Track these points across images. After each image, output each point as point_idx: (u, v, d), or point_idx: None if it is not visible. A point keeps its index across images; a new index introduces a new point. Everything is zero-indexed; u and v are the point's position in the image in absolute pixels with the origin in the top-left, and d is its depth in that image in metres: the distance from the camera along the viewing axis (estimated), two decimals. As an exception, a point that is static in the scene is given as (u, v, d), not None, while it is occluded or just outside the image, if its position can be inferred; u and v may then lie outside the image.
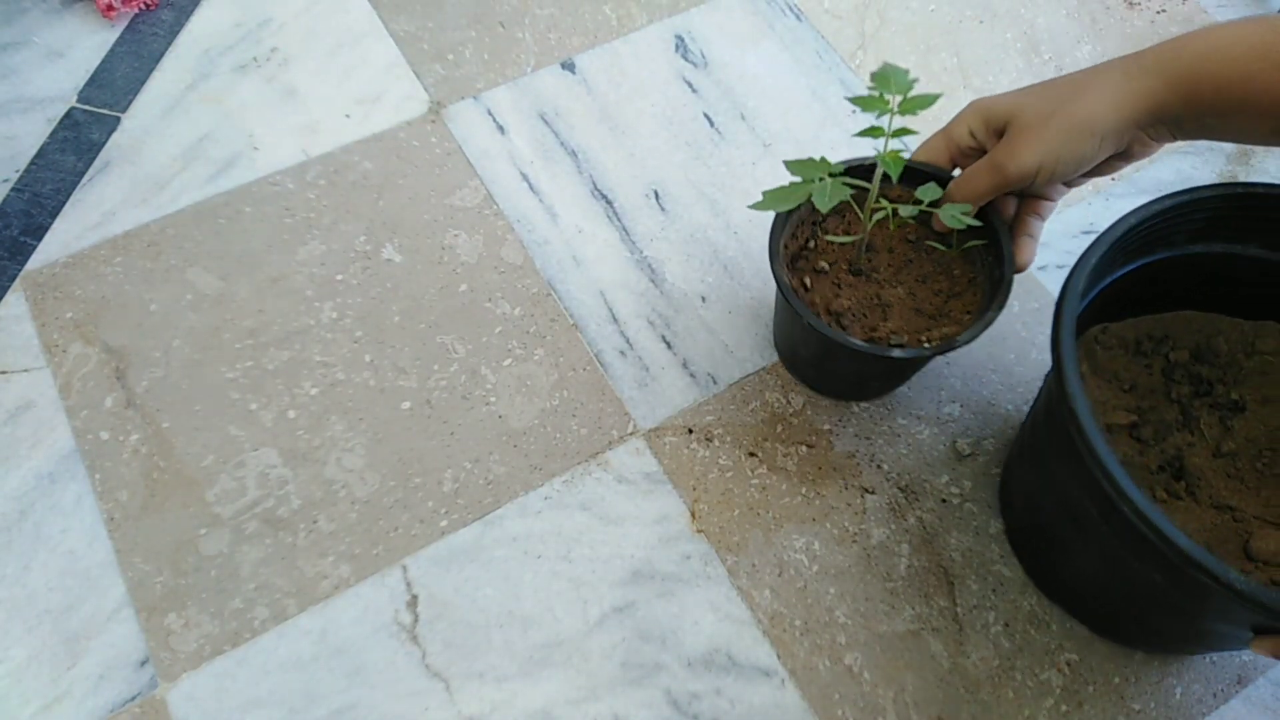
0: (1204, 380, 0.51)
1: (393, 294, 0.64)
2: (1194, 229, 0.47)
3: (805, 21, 0.78)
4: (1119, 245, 0.44)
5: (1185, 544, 0.35)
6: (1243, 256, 0.48)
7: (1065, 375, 0.39)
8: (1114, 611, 0.51)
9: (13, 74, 0.71)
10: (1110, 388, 0.51)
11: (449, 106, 0.72)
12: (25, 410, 0.59)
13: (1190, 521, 0.47)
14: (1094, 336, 0.52)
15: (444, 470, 0.58)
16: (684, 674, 0.53)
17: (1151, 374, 0.51)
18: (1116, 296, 0.49)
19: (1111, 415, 0.50)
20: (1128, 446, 0.49)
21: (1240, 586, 0.35)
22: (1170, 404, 0.51)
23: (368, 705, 0.51)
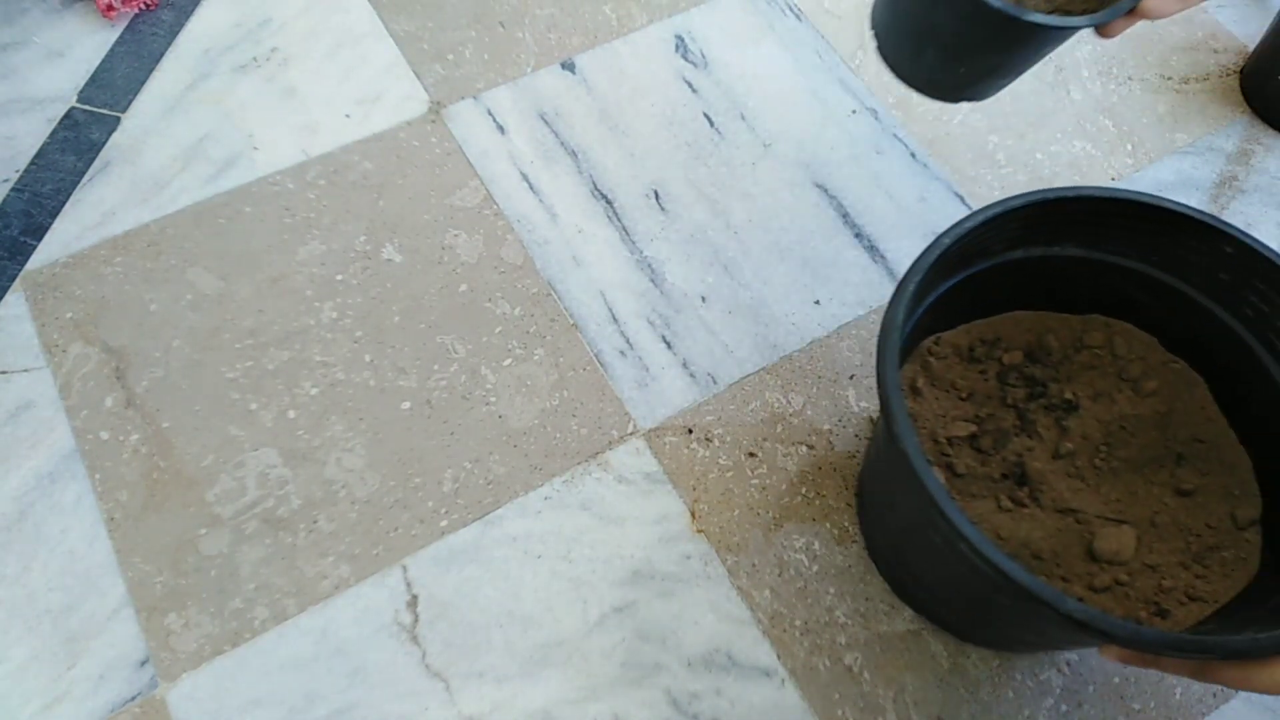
0: (1037, 381, 0.51)
1: (393, 294, 0.64)
2: (1010, 237, 0.48)
3: (805, 21, 0.78)
4: (937, 266, 0.44)
5: (1025, 579, 0.35)
6: (1060, 257, 0.49)
7: (893, 416, 0.39)
8: (970, 621, 0.51)
9: (13, 74, 0.71)
10: (948, 398, 0.51)
11: (449, 106, 0.72)
12: (25, 410, 0.59)
13: (1035, 529, 0.46)
14: (928, 349, 0.52)
15: (444, 470, 0.58)
16: (684, 674, 0.53)
17: (987, 379, 0.51)
18: (945, 307, 0.49)
19: (951, 428, 0.49)
20: (970, 458, 0.49)
21: (1078, 616, 0.35)
22: (1007, 409, 0.51)
23: (368, 705, 0.51)
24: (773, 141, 0.72)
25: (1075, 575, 0.45)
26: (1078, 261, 0.49)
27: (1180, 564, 0.45)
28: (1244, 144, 0.74)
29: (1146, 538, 0.46)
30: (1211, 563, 0.45)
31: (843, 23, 0.78)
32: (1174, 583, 0.45)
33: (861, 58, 0.76)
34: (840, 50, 0.77)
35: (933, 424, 0.50)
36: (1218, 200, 0.71)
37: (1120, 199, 0.45)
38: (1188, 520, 0.47)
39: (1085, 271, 0.49)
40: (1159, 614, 0.44)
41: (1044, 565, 0.46)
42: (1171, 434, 0.49)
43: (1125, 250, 0.48)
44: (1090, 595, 0.45)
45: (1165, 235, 0.46)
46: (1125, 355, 0.51)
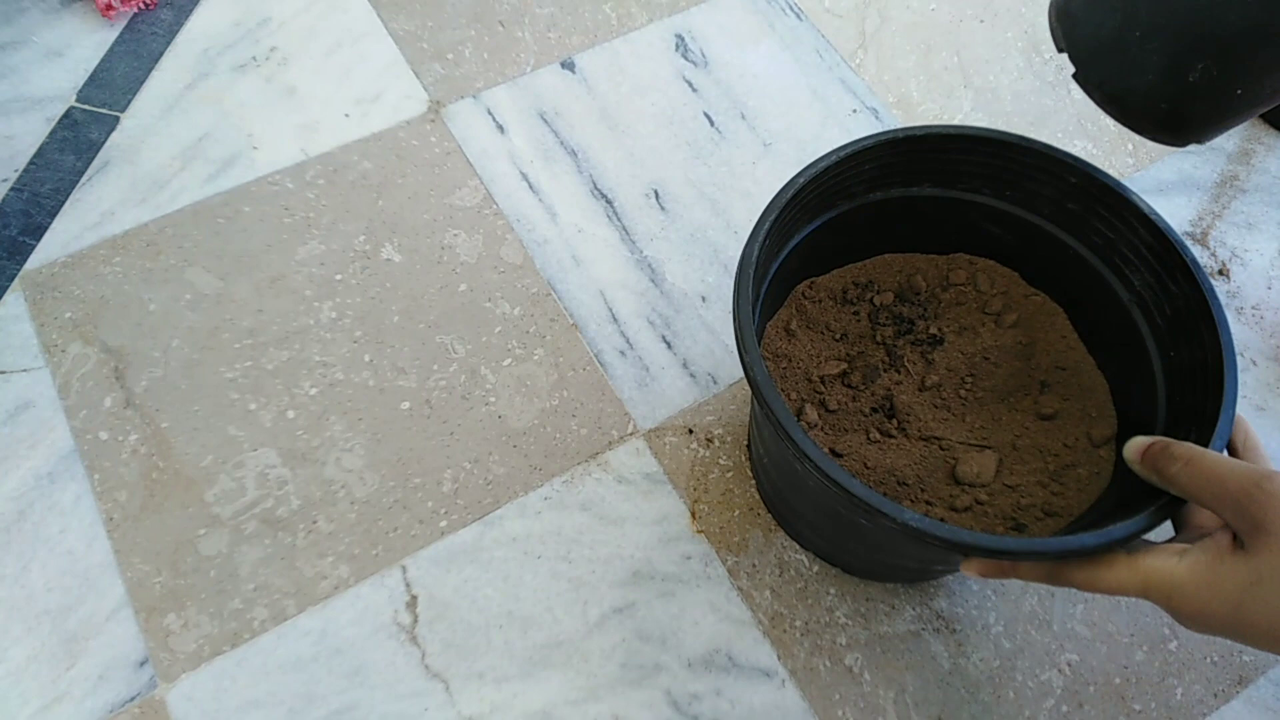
0: (906, 319, 0.53)
1: (392, 294, 0.64)
2: (868, 178, 0.49)
3: (806, 21, 0.78)
4: (794, 206, 0.45)
5: (860, 491, 0.37)
6: (921, 197, 0.51)
7: (746, 354, 0.41)
8: (845, 550, 0.54)
9: (12, 73, 0.71)
10: (822, 339, 0.53)
11: (448, 106, 0.72)
12: (24, 410, 0.59)
13: (901, 458, 0.49)
14: (801, 292, 0.54)
15: (444, 470, 0.58)
16: (684, 674, 0.53)
17: (859, 320, 0.54)
18: (815, 251, 0.51)
19: (824, 367, 0.52)
20: (841, 395, 0.51)
21: (913, 524, 0.37)
22: (877, 347, 0.53)
23: (367, 705, 0.51)
24: (773, 141, 0.71)
25: (939, 498, 0.48)
26: (938, 201, 0.51)
27: (1038, 483, 0.48)
28: (1245, 143, 0.74)
29: (1008, 460, 0.49)
30: (1068, 480, 0.47)
31: (843, 22, 0.78)
32: (1031, 500, 0.47)
33: (862, 57, 0.76)
34: (841, 49, 0.77)
35: (806, 364, 0.52)
36: (1219, 199, 0.71)
37: (962, 135, 0.47)
38: (1047, 442, 0.49)
39: (947, 211, 0.51)
40: (1016, 528, 0.46)
41: (909, 490, 0.48)
42: (1035, 363, 0.51)
43: (979, 187, 0.50)
44: (951, 515, 0.47)
45: (1013, 170, 0.48)
46: (988, 291, 0.53)
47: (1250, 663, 0.54)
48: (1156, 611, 0.56)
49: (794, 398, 0.51)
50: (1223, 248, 0.69)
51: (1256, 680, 0.54)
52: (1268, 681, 0.54)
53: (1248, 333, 0.65)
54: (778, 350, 0.52)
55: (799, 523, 0.54)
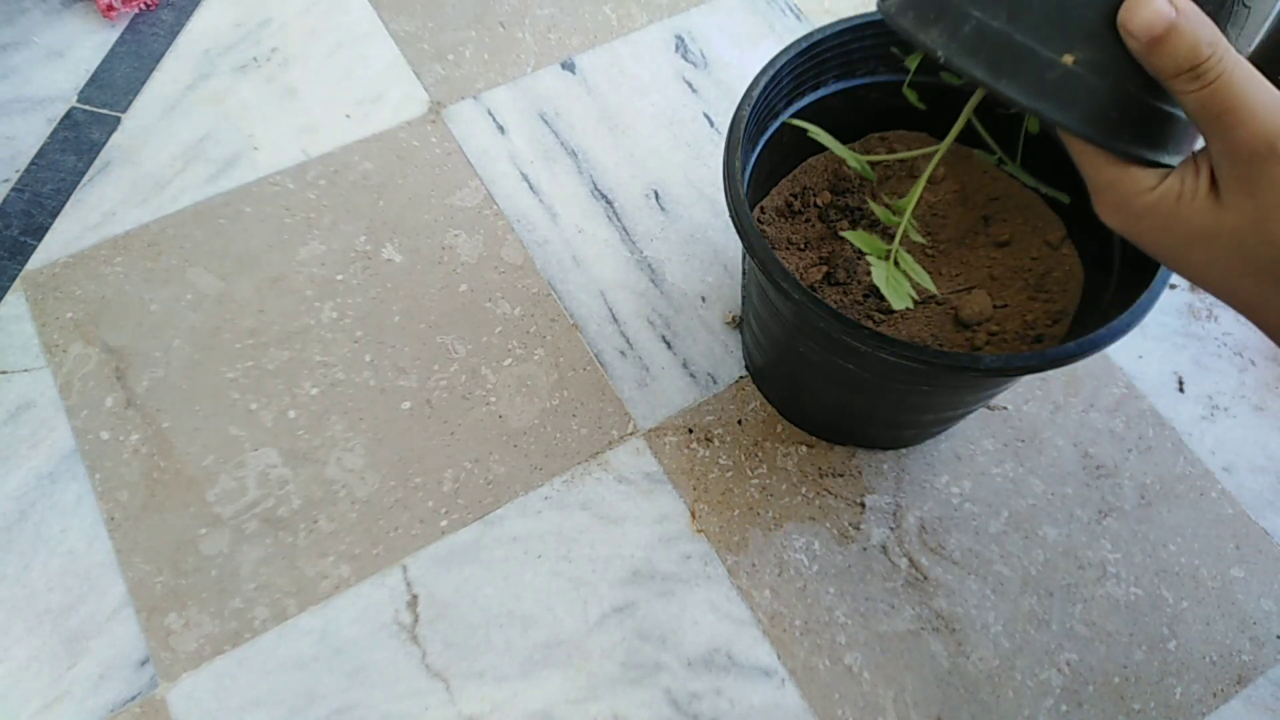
0: (852, 208, 0.56)
1: (393, 294, 0.64)
2: (787, 93, 0.52)
3: (805, 21, 0.78)
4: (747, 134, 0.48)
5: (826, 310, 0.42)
6: (830, 95, 0.54)
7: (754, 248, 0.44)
8: (854, 424, 0.58)
9: (13, 74, 0.71)
10: (792, 254, 0.55)
11: (449, 106, 0.72)
12: (25, 410, 0.59)
13: (912, 326, 0.52)
14: (755, 220, 0.55)
15: (444, 470, 0.58)
16: (684, 674, 0.53)
17: (813, 225, 0.56)
18: (755, 179, 0.53)
19: (808, 276, 0.54)
20: (834, 294, 0.53)
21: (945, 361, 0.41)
22: (841, 241, 0.55)
23: (368, 705, 0.51)
24: (773, 141, 0.72)
25: (958, 347, 0.51)
26: (844, 94, 0.54)
27: (1029, 299, 0.52)
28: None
29: (994, 291, 0.52)
30: (1050, 286, 0.52)
31: (843, 23, 0.78)
32: (1033, 315, 0.51)
33: (861, 58, 0.76)
34: (840, 50, 0.77)
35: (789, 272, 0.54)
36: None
37: (851, 25, 0.50)
38: (1016, 263, 0.53)
39: (853, 101, 0.55)
40: (1036, 341, 0.50)
41: None
42: (972, 204, 0.55)
43: (875, 69, 0.53)
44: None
45: (894, 44, 0.52)
46: (908, 157, 0.56)
47: (1249, 663, 0.54)
48: (1156, 611, 0.56)
49: None
50: (1222, 248, 0.69)
51: (1256, 680, 0.54)
52: (1267, 681, 0.54)
53: (1247, 333, 0.65)
54: None
55: (805, 399, 0.57)
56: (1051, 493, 0.59)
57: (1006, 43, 0.31)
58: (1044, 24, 0.30)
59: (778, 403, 0.61)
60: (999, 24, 0.31)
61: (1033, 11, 0.30)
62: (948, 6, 0.33)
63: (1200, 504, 0.59)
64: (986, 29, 0.31)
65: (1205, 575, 0.57)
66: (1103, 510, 0.59)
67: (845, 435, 0.60)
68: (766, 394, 0.61)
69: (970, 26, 0.32)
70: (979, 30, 0.32)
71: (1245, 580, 0.57)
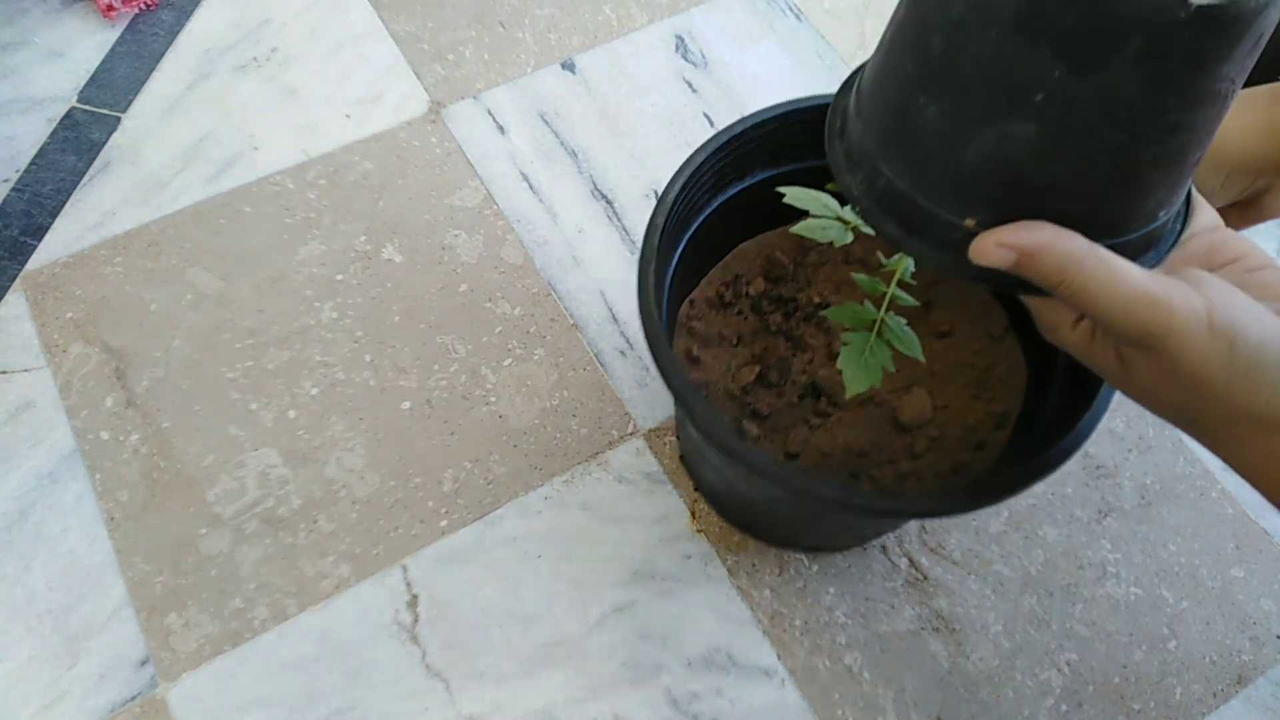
0: (786, 299, 0.53)
1: (393, 294, 0.64)
2: (711, 187, 0.50)
3: (805, 21, 0.78)
4: (663, 241, 0.46)
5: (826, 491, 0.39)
6: (755, 184, 0.52)
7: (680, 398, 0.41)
8: (795, 533, 0.56)
9: (13, 74, 0.71)
10: (726, 352, 0.53)
11: (449, 106, 0.72)
12: (26, 410, 0.59)
13: (849, 430, 0.49)
14: (686, 315, 0.54)
15: (444, 470, 0.58)
16: (684, 673, 0.53)
17: (746, 317, 0.54)
18: (684, 271, 0.52)
19: (739, 377, 0.51)
20: (767, 397, 0.51)
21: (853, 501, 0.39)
22: (776, 336, 0.53)
23: (368, 705, 0.51)
24: (773, 141, 0.72)
25: (898, 454, 0.48)
26: (771, 181, 0.52)
27: (971, 398, 0.49)
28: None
29: (935, 388, 0.50)
30: (993, 383, 0.49)
31: (842, 23, 0.78)
32: (975, 417, 0.49)
33: (861, 58, 0.76)
34: (840, 50, 0.77)
35: (724, 381, 0.52)
36: (1218, 200, 0.71)
37: (772, 117, 0.48)
38: (957, 357, 0.51)
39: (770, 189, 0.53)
40: (979, 448, 0.48)
41: (869, 459, 0.49)
42: (911, 290, 0.53)
43: (801, 156, 0.51)
44: (917, 463, 0.48)
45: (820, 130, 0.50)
46: None
47: (1249, 663, 0.54)
48: (1156, 611, 0.56)
49: (727, 421, 0.50)
50: (1222, 248, 0.69)
51: (1255, 680, 0.54)
52: (1267, 681, 0.54)
53: (1247, 333, 0.65)
54: (692, 382, 0.51)
55: (759, 523, 0.56)
56: (1051, 493, 0.59)
57: (914, 204, 0.31)
58: (942, 191, 0.30)
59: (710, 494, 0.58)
60: (904, 186, 0.31)
61: (932, 179, 0.30)
62: (865, 159, 0.33)
63: (1200, 504, 0.59)
64: (895, 188, 0.32)
65: (1205, 575, 0.57)
66: (1103, 510, 0.59)
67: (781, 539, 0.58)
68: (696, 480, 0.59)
69: (883, 182, 0.32)
70: (890, 188, 0.32)
71: (1245, 580, 0.57)
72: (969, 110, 0.28)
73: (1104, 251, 0.28)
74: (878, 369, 0.41)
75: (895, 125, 0.31)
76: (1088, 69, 0.26)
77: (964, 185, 0.30)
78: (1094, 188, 0.29)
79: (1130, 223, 0.31)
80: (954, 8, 0.28)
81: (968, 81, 0.28)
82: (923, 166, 0.31)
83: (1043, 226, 0.28)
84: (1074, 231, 0.28)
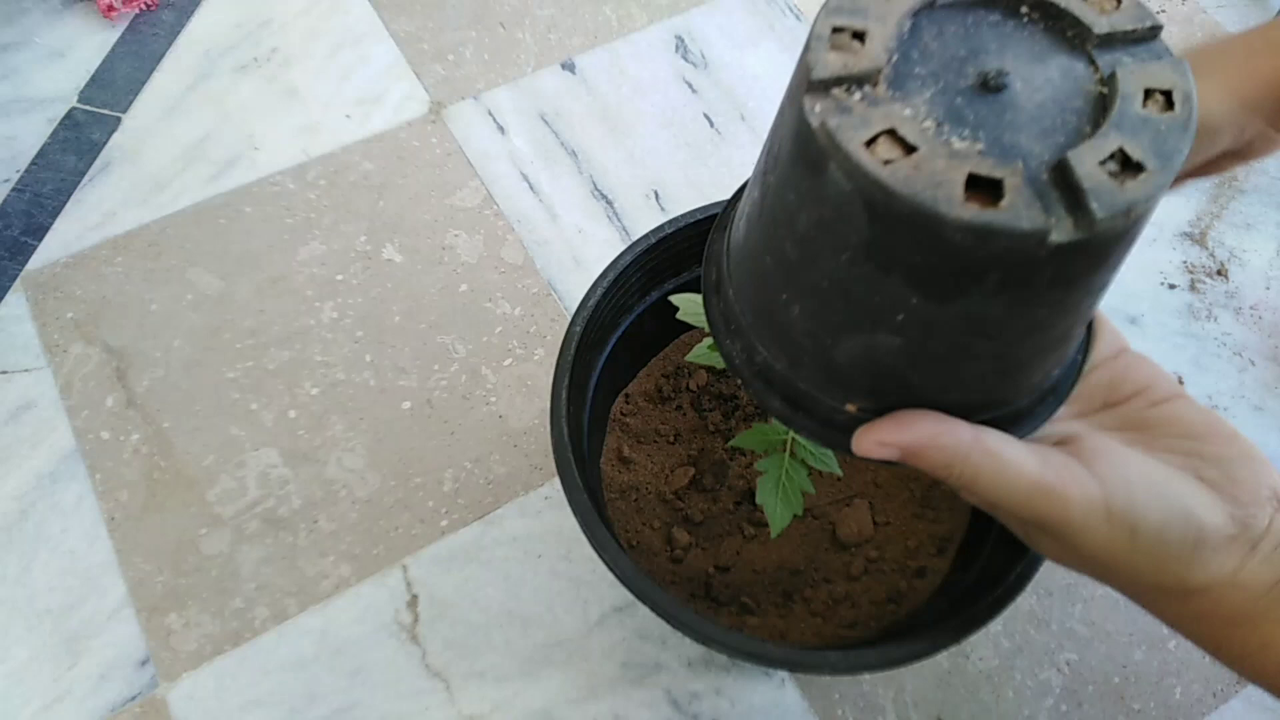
0: (726, 396, 0.51)
1: (393, 294, 0.64)
2: (640, 288, 0.48)
3: (805, 22, 0.78)
4: (582, 349, 0.44)
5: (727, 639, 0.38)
6: (693, 280, 0.49)
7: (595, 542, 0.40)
8: None
9: (13, 74, 0.71)
10: (659, 450, 0.50)
11: (449, 107, 0.72)
12: (26, 410, 0.59)
13: (781, 545, 0.47)
14: (619, 411, 0.51)
15: (444, 470, 0.58)
16: (684, 673, 0.53)
17: (685, 413, 0.51)
18: (618, 365, 0.49)
19: (673, 480, 0.49)
20: (702, 502, 0.49)
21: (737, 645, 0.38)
22: (713, 436, 0.50)
23: (368, 705, 0.51)
24: (773, 142, 0.72)
25: (834, 573, 0.47)
26: None
27: (914, 516, 0.47)
28: (1243, 144, 0.74)
29: (877, 502, 0.48)
30: (937, 501, 0.47)
31: (843, 23, 0.78)
32: (917, 540, 0.46)
33: (861, 58, 0.76)
34: (840, 51, 0.77)
35: (655, 484, 0.50)
36: (1217, 200, 0.71)
37: (707, 217, 0.45)
38: (901, 469, 0.48)
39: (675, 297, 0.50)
40: (918, 575, 0.46)
41: (803, 576, 0.47)
42: None
43: None
44: (853, 585, 0.46)
45: None
46: None
47: (1249, 662, 0.55)
48: (1155, 611, 0.56)
49: (657, 526, 0.49)
50: (1221, 248, 0.69)
51: (1255, 679, 0.54)
52: (1266, 681, 0.54)
53: (1247, 333, 0.65)
54: (622, 485, 0.50)
55: None
56: (1051, 493, 0.59)
57: (793, 385, 0.30)
58: (819, 381, 0.29)
59: None
60: (781, 369, 0.30)
61: (807, 369, 0.29)
62: (743, 330, 0.31)
63: (1200, 504, 0.59)
64: (774, 368, 0.30)
65: (1205, 575, 0.57)
66: (1102, 510, 0.59)
67: None
68: None
69: (761, 359, 0.30)
70: (769, 366, 0.30)
71: (1245, 580, 0.57)
72: (831, 319, 0.27)
73: (991, 440, 0.28)
74: (798, 495, 0.39)
75: (764, 311, 0.29)
76: (946, 299, 0.24)
77: (839, 377, 0.28)
78: (973, 380, 0.28)
79: (1019, 395, 0.29)
80: (800, 223, 0.26)
81: (825, 294, 0.26)
82: (796, 356, 0.29)
83: (923, 419, 0.28)
84: (957, 420, 0.28)
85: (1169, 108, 0.24)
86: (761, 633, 0.46)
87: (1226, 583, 0.28)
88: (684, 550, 0.48)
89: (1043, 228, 0.22)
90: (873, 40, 0.24)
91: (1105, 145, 0.23)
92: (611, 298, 0.45)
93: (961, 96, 0.24)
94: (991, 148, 0.23)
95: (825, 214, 0.24)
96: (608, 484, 0.50)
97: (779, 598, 0.47)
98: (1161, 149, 0.23)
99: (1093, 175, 0.22)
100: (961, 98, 0.24)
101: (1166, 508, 0.28)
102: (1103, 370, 0.33)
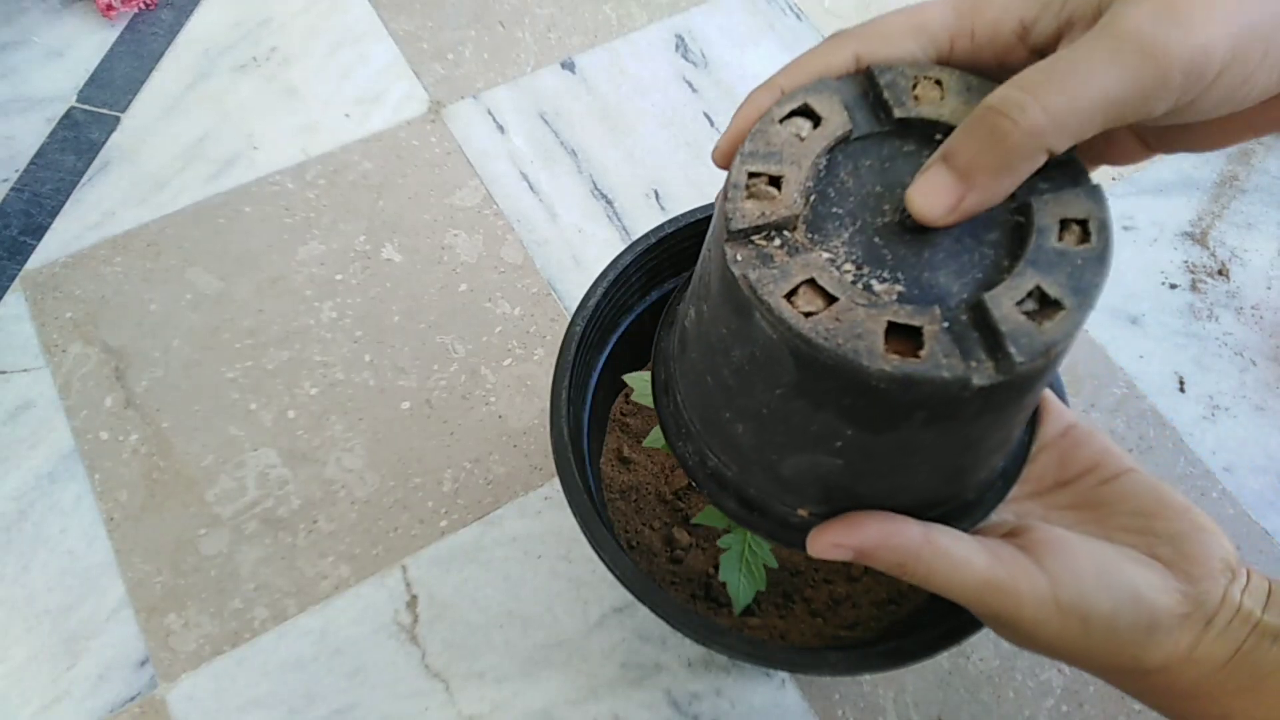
0: None
1: (392, 294, 0.64)
2: (641, 287, 0.48)
3: (805, 21, 0.78)
4: (582, 350, 0.44)
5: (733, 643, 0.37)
6: None
7: (597, 545, 0.39)
8: None
9: (12, 73, 0.71)
10: (661, 451, 0.50)
11: (449, 106, 0.72)
12: (25, 410, 0.59)
13: (782, 546, 0.48)
14: (619, 411, 0.51)
15: (444, 470, 0.58)
16: (684, 674, 0.53)
17: None
18: (619, 364, 0.48)
19: (674, 480, 0.49)
20: (702, 502, 0.49)
21: None
22: None
23: (368, 705, 0.51)
24: (773, 141, 0.71)
25: (834, 574, 0.47)
26: None
27: None
28: (1244, 144, 0.74)
29: None
30: None
31: (843, 22, 0.78)
32: None
33: (862, 57, 0.76)
34: (840, 50, 0.77)
35: (656, 484, 0.50)
36: (1218, 200, 0.71)
37: (707, 216, 0.45)
38: None
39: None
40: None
41: (805, 576, 0.47)
42: None
43: None
44: (853, 586, 0.46)
45: None
46: None
47: (1250, 662, 0.54)
48: (1156, 611, 0.56)
49: (657, 526, 0.49)
50: (1222, 248, 0.69)
51: (1256, 680, 0.54)
52: (1267, 681, 0.54)
53: (1248, 333, 0.65)
54: (622, 485, 0.50)
55: None
56: (1052, 493, 0.59)
57: (745, 491, 0.30)
58: (769, 490, 0.29)
59: None
60: (732, 476, 0.30)
61: (756, 479, 0.29)
62: (694, 435, 0.31)
63: (1201, 504, 0.59)
64: (725, 474, 0.30)
65: (1206, 575, 0.57)
66: (1103, 510, 0.59)
67: None
68: None
69: (713, 464, 0.30)
70: (721, 472, 0.30)
71: (1246, 580, 0.57)
72: (774, 439, 0.27)
73: (941, 540, 0.28)
74: (761, 571, 0.38)
75: (711, 423, 0.29)
76: (879, 431, 0.24)
77: (790, 486, 0.29)
78: (918, 487, 0.28)
79: (966, 492, 0.30)
80: (734, 356, 0.26)
81: (765, 420, 0.26)
82: (745, 466, 0.29)
83: (874, 521, 0.28)
84: (908, 520, 0.28)
85: (1085, 239, 0.23)
86: (761, 633, 0.46)
87: (1183, 659, 0.29)
88: (684, 550, 0.48)
89: (962, 375, 0.22)
90: (788, 185, 0.24)
91: (1022, 284, 0.23)
92: (612, 297, 0.46)
93: (879, 236, 0.24)
94: (910, 288, 0.23)
95: (756, 353, 0.24)
96: (608, 484, 0.50)
97: (779, 598, 0.47)
98: (1079, 285, 0.23)
99: (1010, 318, 0.22)
100: (879, 237, 0.24)
101: (1116, 596, 0.28)
102: (1051, 450, 0.34)
